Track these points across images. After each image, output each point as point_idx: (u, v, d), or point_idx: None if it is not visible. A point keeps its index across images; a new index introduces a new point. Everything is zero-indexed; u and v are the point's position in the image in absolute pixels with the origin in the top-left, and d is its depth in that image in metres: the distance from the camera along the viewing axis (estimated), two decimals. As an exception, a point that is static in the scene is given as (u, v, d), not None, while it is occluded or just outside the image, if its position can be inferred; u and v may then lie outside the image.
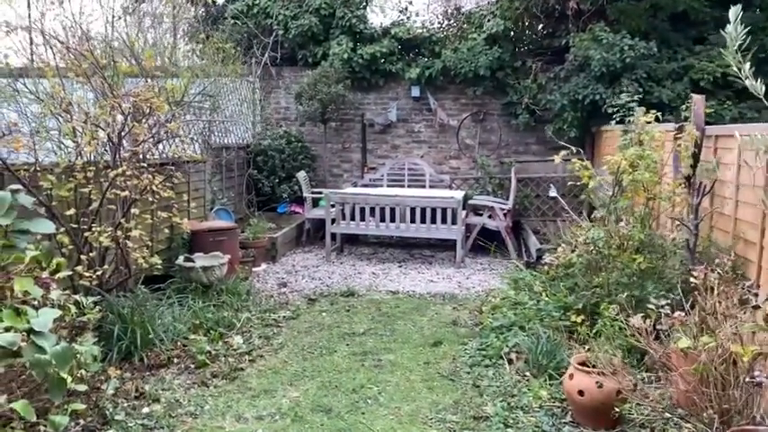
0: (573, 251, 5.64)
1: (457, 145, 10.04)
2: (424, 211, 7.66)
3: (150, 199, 4.86)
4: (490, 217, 8.33)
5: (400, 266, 7.73)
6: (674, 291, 4.31)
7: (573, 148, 6.26)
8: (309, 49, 10.15)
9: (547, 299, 5.31)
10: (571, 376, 3.70)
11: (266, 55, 10.25)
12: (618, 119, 8.50)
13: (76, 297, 3.77)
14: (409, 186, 9.81)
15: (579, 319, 4.89)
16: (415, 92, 10.01)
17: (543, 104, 9.22)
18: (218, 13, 10.65)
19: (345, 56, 9.65)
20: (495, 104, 9.98)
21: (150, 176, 4.53)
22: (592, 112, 8.77)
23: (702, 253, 4.40)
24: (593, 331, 4.41)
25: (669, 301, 3.43)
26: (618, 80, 8.40)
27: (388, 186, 9.78)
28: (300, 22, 9.88)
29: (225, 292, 5.88)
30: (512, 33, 9.66)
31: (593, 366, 3.64)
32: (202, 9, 10.85)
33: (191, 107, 6.74)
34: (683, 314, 3.26)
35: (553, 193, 6.97)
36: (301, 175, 9.00)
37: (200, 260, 6.19)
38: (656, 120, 4.86)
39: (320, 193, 9.39)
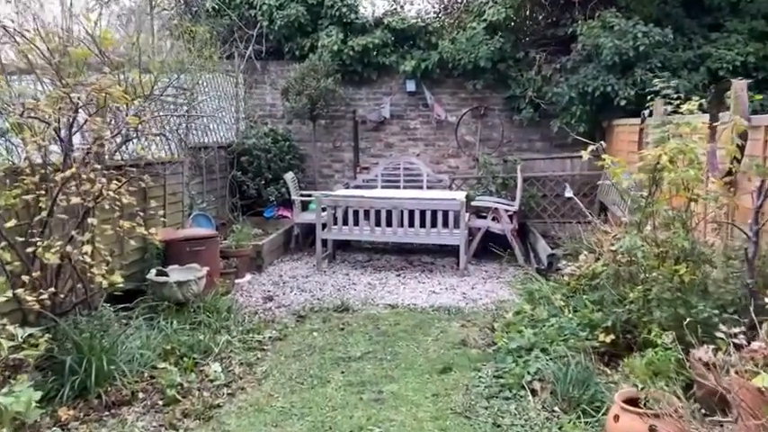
0: (597, 259, 5.00)
1: (456, 142, 9.39)
2: (423, 214, 6.99)
3: (111, 206, 4.16)
4: (494, 219, 7.68)
5: (398, 275, 7.06)
6: (728, 309, 3.68)
7: (591, 143, 5.63)
8: (296, 41, 9.46)
9: (569, 315, 4.66)
10: (616, 418, 3.05)
11: (250, 48, 9.54)
12: (631, 111, 7.92)
13: (11, 328, 3.07)
14: (405, 187, 9.15)
15: (609, 339, 4.25)
16: (411, 86, 9.35)
17: (549, 98, 8.58)
18: (199, 5, 9.93)
19: (335, 48, 8.97)
20: (496, 99, 9.33)
21: (105, 180, 3.82)
22: (602, 105, 8.15)
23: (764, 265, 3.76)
24: (633, 358, 3.75)
25: (742, 329, 2.77)
26: (631, 70, 7.79)
27: (383, 187, 9.11)
28: (286, 12, 9.19)
29: (202, 310, 5.19)
30: (513, 23, 9.02)
31: (644, 405, 2.99)
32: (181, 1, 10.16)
33: (163, 102, 6.02)
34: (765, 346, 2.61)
35: (569, 193, 6.34)
36: (289, 176, 8.30)
37: (175, 274, 5.49)
38: (700, 108, 4.21)
39: (310, 195, 8.71)
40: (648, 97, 5.13)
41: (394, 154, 9.61)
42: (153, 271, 5.43)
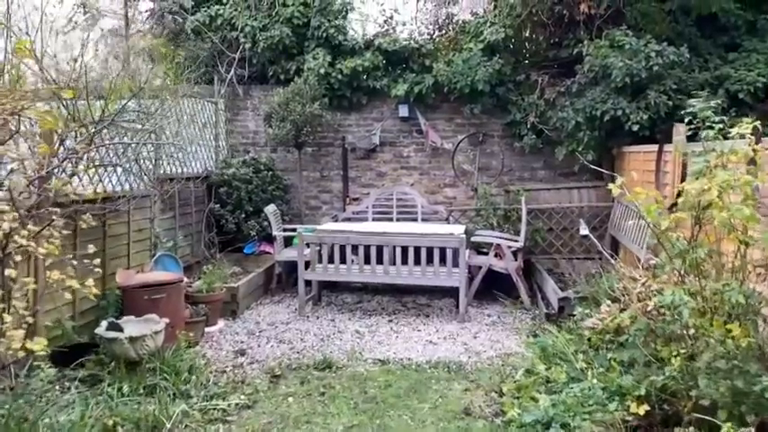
0: (622, 310, 4.26)
1: (453, 171, 8.70)
2: (418, 251, 6.25)
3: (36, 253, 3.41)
4: (497, 256, 6.94)
5: (391, 321, 6.29)
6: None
7: (605, 171, 4.95)
8: (281, 64, 8.83)
9: (593, 379, 3.90)
10: None
11: (232, 71, 8.90)
12: (644, 137, 7.26)
13: None
14: (399, 219, 8.43)
15: (642, 411, 3.49)
16: (403, 111, 8.69)
17: (553, 123, 7.93)
18: (179, 28, 9.31)
19: (322, 71, 8.33)
20: (495, 124, 8.68)
21: (14, 223, 3.07)
22: (612, 131, 7.50)
23: None
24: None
25: None
26: (643, 92, 7.15)
27: (374, 220, 8.39)
28: (270, 34, 8.57)
29: (159, 371, 4.40)
30: (513, 44, 8.41)
31: None
32: (157, 24, 9.55)
33: (120, 128, 5.32)
34: None
35: (585, 231, 5.62)
36: (270, 209, 7.57)
37: (130, 327, 4.73)
38: (755, 132, 3.50)
39: (294, 230, 7.98)
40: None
41: (386, 184, 8.91)
42: (104, 324, 4.67)
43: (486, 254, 7.42)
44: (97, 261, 3.76)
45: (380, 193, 8.59)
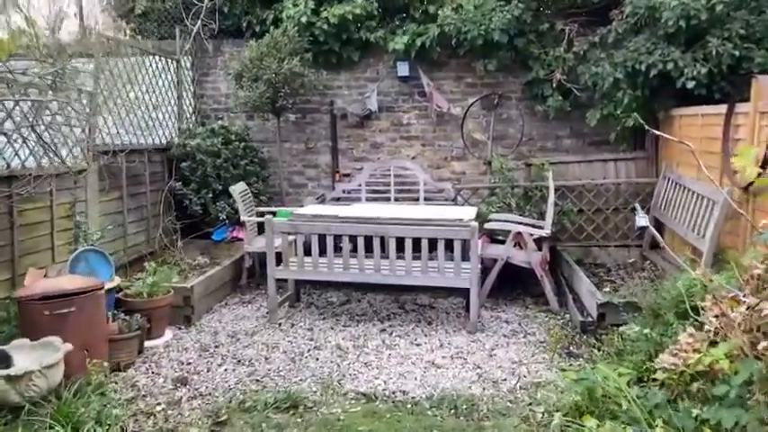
0: (713, 343, 2.92)
1: (462, 141, 7.30)
2: (418, 242, 4.91)
3: None
4: (517, 246, 5.59)
5: (383, 330, 4.98)
6: None
7: (666, 135, 3.57)
8: (256, 13, 7.40)
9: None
10: None
11: (198, 23, 7.48)
12: (698, 94, 5.85)
13: None
14: (397, 199, 7.08)
15: None
16: (403, 69, 7.27)
17: (584, 82, 6.49)
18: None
19: (304, 19, 6.90)
20: (513, 84, 7.25)
21: None
22: (658, 89, 6.08)
23: None
24: None
25: None
26: (701, 40, 5.71)
27: (368, 200, 7.05)
28: (243, -24, 7.14)
29: (50, 423, 3.13)
30: (534, -13, 6.94)
31: None
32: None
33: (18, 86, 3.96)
34: None
35: (643, 221, 4.22)
36: (238, 188, 6.22)
37: (23, 355, 3.47)
38: None
39: (274, 213, 6.66)
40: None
41: (383, 157, 7.54)
42: (-18, 352, 3.39)
43: (503, 242, 6.07)
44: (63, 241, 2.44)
45: (376, 167, 7.23)
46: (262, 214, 6.65)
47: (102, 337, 3.95)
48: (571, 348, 4.50)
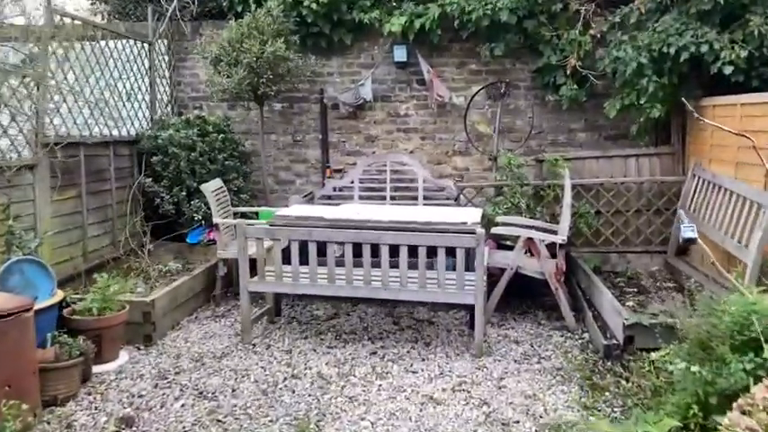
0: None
1: (465, 134, 6.60)
2: (414, 251, 4.21)
3: None
4: (528, 254, 4.90)
5: (374, 353, 4.29)
6: None
7: (724, 128, 2.87)
8: (238, -9, 6.69)
9: None
10: None
11: (174, 3, 6.77)
12: (735, 81, 5.15)
13: None
14: (393, 198, 6.40)
15: None
16: (400, 54, 6.58)
17: (602, 68, 5.79)
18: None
19: (290, -2, 6.21)
20: (522, 71, 6.56)
21: None
22: (687, 76, 5.38)
23: None
24: None
25: None
26: (739, 20, 5.01)
27: (362, 199, 6.36)
28: (223, -50, 6.43)
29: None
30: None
31: None
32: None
33: None
34: None
35: (690, 233, 3.49)
36: (210, 186, 5.51)
37: None
38: None
39: (256, 214, 6.00)
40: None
41: (378, 151, 6.84)
42: None
43: (510, 247, 5.37)
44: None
45: (370, 163, 6.53)
46: (243, 215, 5.97)
47: (29, 368, 3.26)
48: (594, 378, 3.81)
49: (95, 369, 3.95)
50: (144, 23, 6.70)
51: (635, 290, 5.28)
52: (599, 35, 5.93)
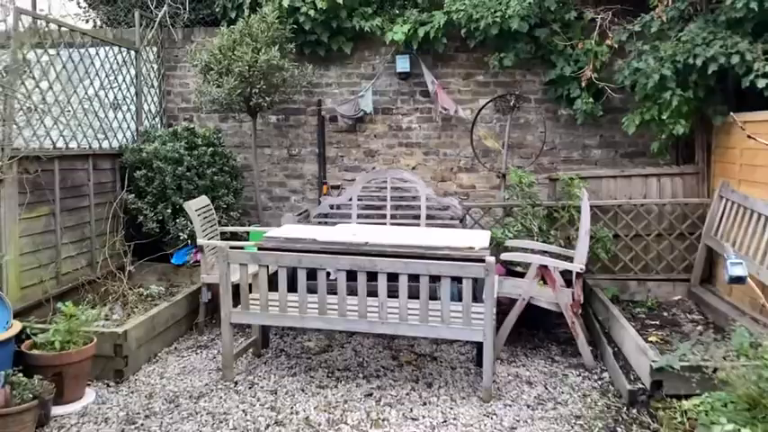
0: None
1: (471, 150, 6.18)
2: (416, 278, 3.77)
3: None
4: (542, 282, 4.45)
5: (370, 395, 3.84)
6: None
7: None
8: (231, -4, 6.32)
9: None
10: None
11: (164, 8, 6.40)
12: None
13: None
14: (394, 216, 5.97)
15: None
16: (403, 65, 6.18)
17: (620, 80, 5.37)
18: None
19: (286, 4, 5.82)
20: (533, 83, 6.16)
21: None
22: (713, 90, 4.97)
23: None
24: None
25: None
26: (774, 28, 4.60)
27: (360, 217, 5.94)
28: (216, -46, 6.06)
29: None
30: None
31: None
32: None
33: None
34: None
35: (740, 269, 3.02)
36: (194, 204, 5.07)
37: None
38: None
39: (247, 234, 5.59)
40: None
41: (378, 167, 6.43)
42: None
43: (521, 273, 4.94)
44: None
45: (370, 179, 6.11)
46: (233, 234, 5.56)
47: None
48: (618, 430, 3.35)
49: (56, 411, 3.51)
50: (132, 30, 6.32)
51: (657, 322, 4.82)
52: (616, 45, 5.52)
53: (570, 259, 4.65)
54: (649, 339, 4.34)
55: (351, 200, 6.04)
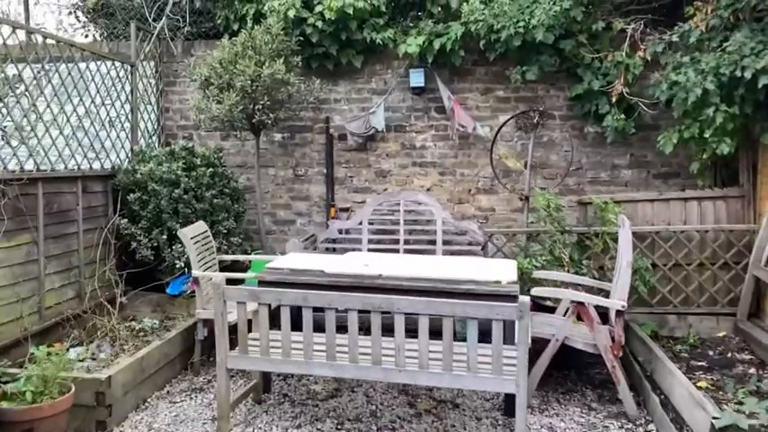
0: None
1: (491, 169, 5.74)
2: (437, 321, 3.29)
3: None
4: (578, 318, 3.97)
5: (384, 451, 3.36)
6: None
7: None
8: (233, 7, 5.93)
9: None
10: None
11: (163, 21, 6.03)
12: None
13: None
14: (407, 242, 5.52)
15: None
16: (417, 79, 5.77)
17: (655, 95, 4.92)
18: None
19: (291, 14, 5.43)
20: (557, 98, 5.72)
21: None
22: (762, 105, 4.51)
23: None
24: None
25: None
26: (832, 37, 4.15)
27: (371, 243, 5.50)
28: (218, -38, 5.70)
29: None
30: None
31: None
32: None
33: None
34: None
35: None
36: (190, 231, 4.62)
37: None
38: None
39: (235, 263, 5.14)
40: None
41: (390, 188, 5.99)
42: None
43: (551, 309, 4.46)
44: None
45: (381, 201, 5.67)
46: (234, 263, 5.12)
47: None
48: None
49: (22, 475, 3.05)
50: (129, 44, 5.94)
51: (704, 363, 4.32)
52: (649, 57, 5.08)
53: (605, 292, 4.19)
54: (698, 384, 3.84)
55: (361, 224, 5.60)
